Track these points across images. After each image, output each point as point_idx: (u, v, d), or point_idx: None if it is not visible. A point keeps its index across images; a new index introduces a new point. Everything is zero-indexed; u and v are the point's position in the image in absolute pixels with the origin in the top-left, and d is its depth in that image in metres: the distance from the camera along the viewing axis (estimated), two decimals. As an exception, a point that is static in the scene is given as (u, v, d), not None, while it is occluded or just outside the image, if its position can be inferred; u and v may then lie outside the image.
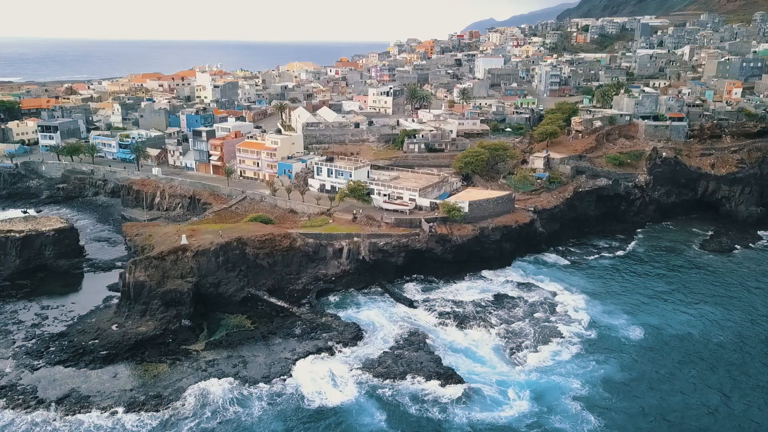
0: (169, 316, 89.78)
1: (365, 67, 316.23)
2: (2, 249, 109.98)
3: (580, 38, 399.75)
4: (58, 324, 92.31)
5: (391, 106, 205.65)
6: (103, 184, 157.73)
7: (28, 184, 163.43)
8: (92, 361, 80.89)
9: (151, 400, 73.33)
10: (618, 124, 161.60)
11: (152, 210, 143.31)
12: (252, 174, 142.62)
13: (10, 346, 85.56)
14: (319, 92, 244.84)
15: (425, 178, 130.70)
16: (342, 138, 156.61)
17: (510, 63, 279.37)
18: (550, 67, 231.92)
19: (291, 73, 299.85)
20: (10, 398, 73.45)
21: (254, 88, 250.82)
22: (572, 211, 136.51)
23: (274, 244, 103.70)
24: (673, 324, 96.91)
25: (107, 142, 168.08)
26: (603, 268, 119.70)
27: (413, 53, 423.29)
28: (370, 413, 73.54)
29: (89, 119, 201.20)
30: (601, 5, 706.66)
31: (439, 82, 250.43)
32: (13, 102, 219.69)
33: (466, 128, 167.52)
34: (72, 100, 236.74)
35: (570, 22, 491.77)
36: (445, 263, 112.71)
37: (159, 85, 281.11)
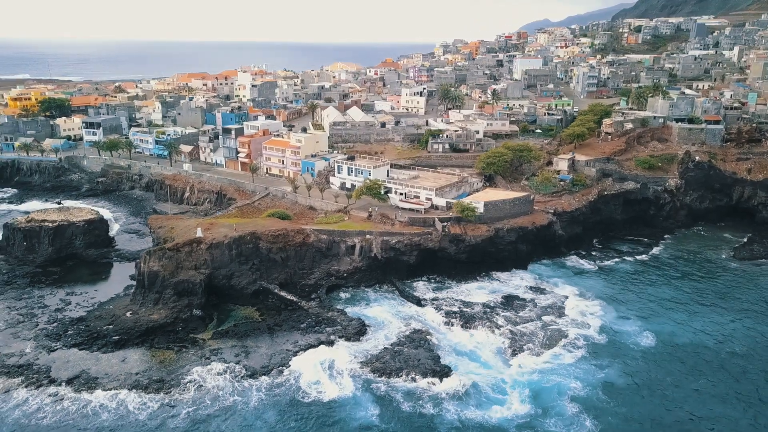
0: (181, 306, 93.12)
1: (404, 68, 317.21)
2: (36, 237, 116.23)
3: (630, 39, 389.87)
4: (79, 309, 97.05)
5: (424, 106, 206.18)
6: (139, 179, 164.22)
7: (70, 177, 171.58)
8: (104, 345, 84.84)
9: (153, 384, 76.47)
10: (651, 127, 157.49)
11: (182, 204, 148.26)
12: (277, 171, 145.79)
13: (33, 329, 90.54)
14: (355, 92, 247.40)
15: (445, 177, 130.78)
16: (367, 137, 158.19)
17: (549, 64, 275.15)
18: (587, 68, 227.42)
19: (330, 73, 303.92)
20: (26, 376, 77.86)
21: (292, 87, 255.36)
22: (596, 215, 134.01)
23: (287, 239, 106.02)
24: (687, 332, 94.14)
25: (144, 139, 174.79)
26: (623, 273, 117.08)
27: (458, 54, 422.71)
28: (364, 407, 74.46)
29: (132, 116, 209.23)
30: (659, 5, 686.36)
31: (476, 82, 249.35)
32: (64, 99, 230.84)
33: (495, 129, 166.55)
34: (119, 98, 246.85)
35: (623, 22, 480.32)
36: (458, 263, 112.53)
37: (203, 85, 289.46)
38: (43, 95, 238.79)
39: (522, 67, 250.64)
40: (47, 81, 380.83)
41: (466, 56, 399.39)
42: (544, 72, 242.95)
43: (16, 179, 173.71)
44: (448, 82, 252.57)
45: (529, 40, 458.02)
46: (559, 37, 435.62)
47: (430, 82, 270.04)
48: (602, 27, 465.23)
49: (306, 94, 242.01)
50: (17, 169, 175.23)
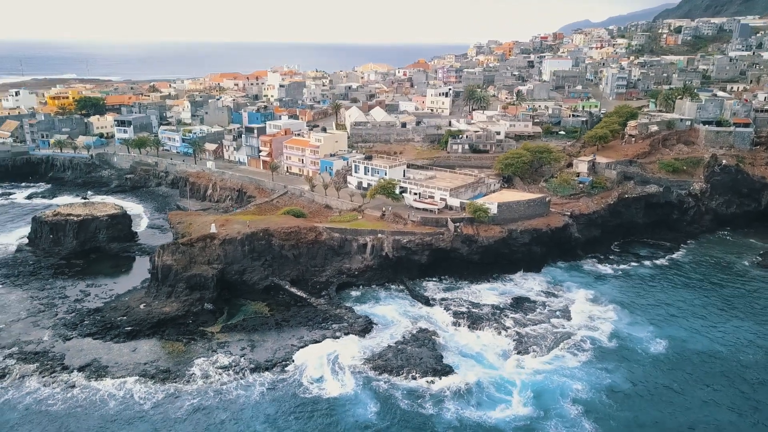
0: (193, 299, 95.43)
1: (433, 69, 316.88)
2: (62, 231, 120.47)
3: (670, 40, 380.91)
4: (97, 300, 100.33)
5: (449, 106, 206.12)
6: (165, 176, 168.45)
7: (101, 173, 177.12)
8: (117, 336, 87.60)
9: (160, 374, 78.66)
10: (677, 129, 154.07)
11: (204, 201, 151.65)
12: (297, 170, 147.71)
13: (52, 318, 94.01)
14: (382, 92, 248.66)
15: (461, 178, 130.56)
16: (387, 137, 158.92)
17: (580, 65, 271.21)
18: (617, 69, 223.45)
19: (358, 74, 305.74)
20: (42, 363, 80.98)
21: (320, 88, 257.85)
22: (617, 218, 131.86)
23: (299, 237, 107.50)
24: (700, 340, 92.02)
25: (172, 137, 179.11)
26: (640, 278, 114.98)
27: (491, 55, 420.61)
28: (363, 404, 75.01)
29: (163, 115, 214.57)
30: (703, 5, 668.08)
31: (504, 83, 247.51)
32: (99, 98, 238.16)
33: (517, 130, 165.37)
34: (152, 97, 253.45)
35: (662, 23, 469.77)
36: (471, 264, 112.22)
37: (235, 85, 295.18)
38: (80, 94, 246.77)
39: (550, 68, 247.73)
40: (89, 80, 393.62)
41: (499, 57, 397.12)
42: (573, 73, 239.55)
43: (50, 175, 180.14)
44: (476, 83, 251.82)
45: (565, 41, 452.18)
46: (596, 38, 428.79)
47: (458, 83, 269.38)
48: (641, 28, 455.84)
49: (333, 94, 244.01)
50: (51, 165, 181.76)
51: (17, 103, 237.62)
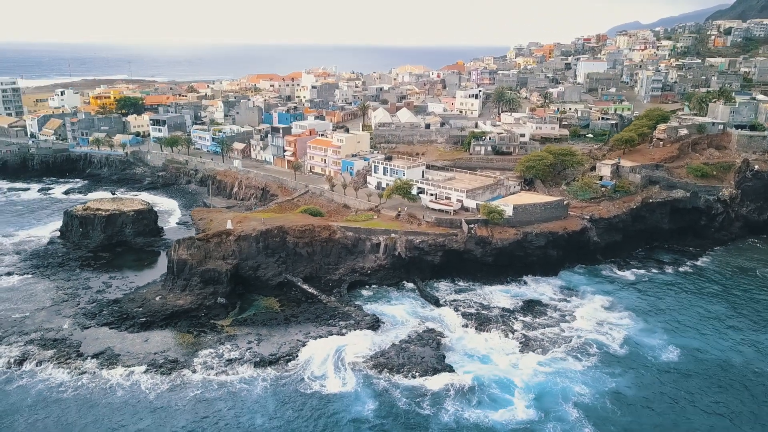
0: (206, 293, 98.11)
1: (467, 71, 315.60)
2: (90, 225, 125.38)
3: (718, 41, 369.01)
4: (117, 292, 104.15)
5: (478, 108, 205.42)
6: (194, 174, 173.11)
7: (134, 170, 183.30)
8: (132, 326, 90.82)
9: (167, 364, 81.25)
10: (708, 134, 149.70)
11: (230, 199, 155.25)
12: (320, 170, 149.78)
13: (74, 307, 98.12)
14: (413, 94, 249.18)
15: (481, 180, 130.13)
16: (410, 138, 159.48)
17: (617, 67, 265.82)
18: (652, 71, 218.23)
19: (391, 75, 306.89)
20: (59, 350, 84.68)
21: (352, 89, 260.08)
22: (640, 223, 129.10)
23: (313, 235, 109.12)
24: (715, 349, 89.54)
25: (203, 136, 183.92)
26: (660, 284, 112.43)
27: (530, 57, 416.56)
28: (362, 401, 75.66)
29: (197, 115, 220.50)
30: (758, 6, 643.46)
31: (536, 86, 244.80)
32: (138, 98, 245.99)
33: (543, 132, 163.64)
34: (189, 97, 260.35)
35: (711, 24, 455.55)
36: (485, 266, 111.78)
37: (270, 86, 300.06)
38: (121, 94, 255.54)
39: (585, 70, 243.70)
40: (135, 81, 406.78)
41: (539, 59, 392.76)
42: (607, 75, 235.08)
43: (88, 171, 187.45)
44: (509, 85, 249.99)
45: (608, 43, 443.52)
46: (641, 40, 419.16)
47: (491, 85, 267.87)
48: (689, 29, 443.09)
49: (364, 95, 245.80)
50: (89, 162, 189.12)
51: (62, 103, 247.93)
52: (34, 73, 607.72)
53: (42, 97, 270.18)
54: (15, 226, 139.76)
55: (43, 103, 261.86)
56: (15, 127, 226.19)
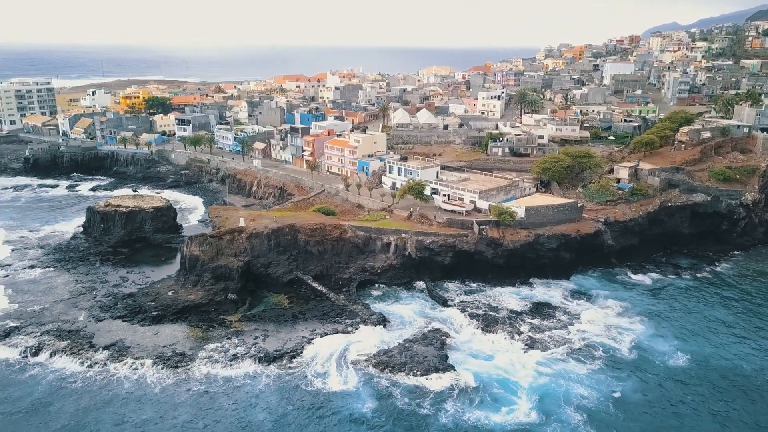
0: (217, 289, 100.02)
1: (492, 72, 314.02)
2: (112, 221, 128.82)
3: (756, 43, 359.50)
4: (132, 286, 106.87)
5: (500, 110, 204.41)
6: (216, 172, 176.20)
7: (159, 169, 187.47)
8: (143, 319, 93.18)
9: (175, 357, 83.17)
10: (732, 137, 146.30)
11: (249, 197, 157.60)
12: (337, 170, 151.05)
13: (90, 300, 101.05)
14: (436, 95, 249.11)
15: (495, 181, 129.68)
16: (428, 139, 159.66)
17: (645, 69, 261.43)
18: (679, 73, 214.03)
19: (416, 76, 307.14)
20: (72, 340, 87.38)
21: (376, 90, 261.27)
22: (659, 227, 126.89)
23: (324, 233, 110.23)
24: (725, 356, 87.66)
25: (225, 135, 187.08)
26: (676, 289, 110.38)
27: (560, 58, 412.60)
28: (362, 400, 75.85)
29: (222, 115, 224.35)
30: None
31: (561, 87, 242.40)
32: (166, 98, 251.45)
33: (564, 134, 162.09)
34: (215, 97, 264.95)
35: (750, 25, 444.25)
36: (495, 267, 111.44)
37: (296, 86, 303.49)
38: (150, 94, 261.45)
39: (611, 72, 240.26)
40: (167, 81, 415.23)
41: (568, 61, 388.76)
42: (633, 77, 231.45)
43: (114, 169, 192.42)
44: (534, 87, 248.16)
45: (641, 44, 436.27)
46: (675, 41, 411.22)
47: (516, 86, 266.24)
48: (726, 30, 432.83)
49: (387, 96, 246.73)
50: (115, 160, 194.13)
51: (93, 102, 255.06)
52: (74, 73, 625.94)
53: (75, 97, 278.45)
54: (41, 221, 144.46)
55: (75, 102, 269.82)
56: (48, 125, 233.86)
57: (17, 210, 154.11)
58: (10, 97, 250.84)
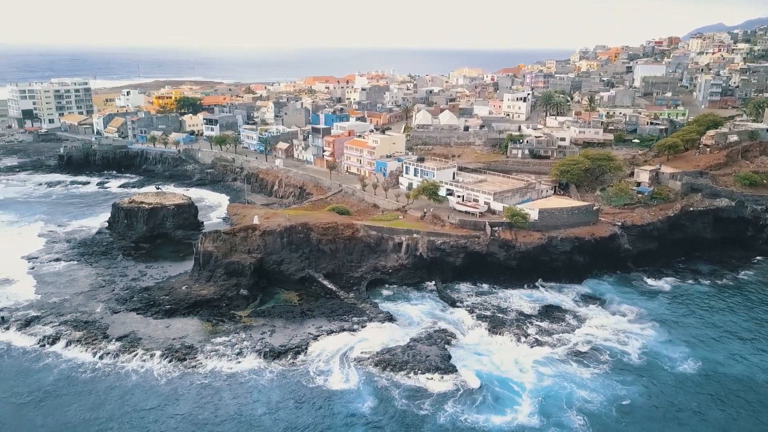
0: (229, 285, 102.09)
1: (521, 73, 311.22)
2: (135, 217, 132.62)
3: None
4: (150, 280, 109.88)
5: (525, 112, 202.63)
6: (240, 171, 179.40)
7: (185, 167, 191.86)
8: (157, 312, 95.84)
9: (183, 349, 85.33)
10: (761, 140, 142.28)
11: (270, 196, 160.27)
12: (355, 170, 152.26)
13: (109, 293, 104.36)
14: (463, 96, 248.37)
15: (511, 183, 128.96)
16: (448, 140, 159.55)
17: (677, 71, 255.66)
18: (711, 75, 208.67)
19: (443, 78, 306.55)
20: (88, 331, 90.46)
21: (403, 91, 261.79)
22: (679, 231, 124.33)
23: (337, 232, 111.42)
24: (737, 364, 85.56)
25: (250, 135, 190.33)
26: (693, 296, 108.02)
27: (595, 60, 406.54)
28: (361, 398, 76.28)
29: (250, 115, 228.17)
30: None
31: (590, 89, 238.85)
32: (196, 99, 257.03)
33: (587, 137, 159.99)
34: (245, 98, 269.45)
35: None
36: (508, 269, 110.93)
37: (325, 88, 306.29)
38: (182, 95, 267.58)
39: (641, 74, 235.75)
40: (201, 82, 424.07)
41: (603, 62, 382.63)
42: (664, 79, 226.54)
43: (143, 167, 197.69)
44: (563, 89, 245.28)
45: (680, 46, 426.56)
46: (716, 43, 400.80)
47: (545, 88, 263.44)
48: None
49: (413, 98, 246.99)
50: (145, 158, 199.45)
51: (127, 102, 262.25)
52: (115, 75, 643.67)
53: (111, 97, 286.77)
54: (70, 216, 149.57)
55: (111, 102, 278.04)
56: (84, 124, 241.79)
57: (49, 205, 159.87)
58: (49, 96, 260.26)
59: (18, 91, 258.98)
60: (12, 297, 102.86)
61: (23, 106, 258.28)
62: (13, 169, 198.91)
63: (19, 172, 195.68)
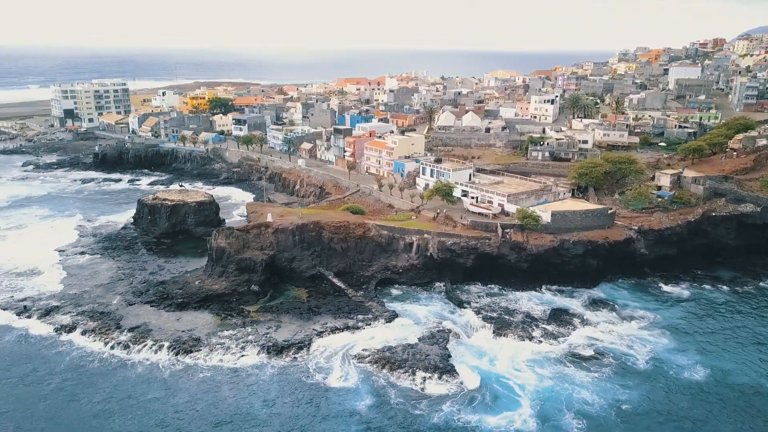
0: (241, 280, 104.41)
1: (553, 76, 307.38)
2: (158, 213, 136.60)
3: None
4: (166, 275, 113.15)
5: (552, 114, 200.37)
6: (265, 171, 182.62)
7: (213, 166, 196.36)
8: (169, 305, 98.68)
9: (190, 341, 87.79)
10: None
11: (292, 195, 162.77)
12: (374, 170, 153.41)
13: (127, 286, 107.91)
14: (491, 98, 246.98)
15: (528, 185, 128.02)
16: (468, 142, 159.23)
17: (713, 74, 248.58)
18: (747, 78, 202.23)
19: (473, 80, 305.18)
20: (103, 321, 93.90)
21: (431, 93, 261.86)
22: (701, 237, 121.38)
23: (348, 231, 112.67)
24: (748, 373, 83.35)
25: (276, 136, 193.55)
26: (711, 303, 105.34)
27: (634, 62, 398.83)
28: (359, 396, 76.69)
29: (279, 116, 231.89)
30: None
31: (622, 92, 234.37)
32: (228, 99, 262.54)
33: (611, 140, 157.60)
34: (275, 99, 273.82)
35: None
36: (519, 272, 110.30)
37: (356, 89, 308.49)
38: (215, 95, 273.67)
39: (675, 76, 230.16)
40: (236, 83, 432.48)
41: (642, 64, 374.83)
42: (698, 82, 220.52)
43: (173, 165, 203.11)
44: (594, 91, 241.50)
45: (726, 47, 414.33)
46: (764, 44, 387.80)
47: (577, 90, 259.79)
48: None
49: (441, 99, 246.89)
50: (175, 157, 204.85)
51: (162, 103, 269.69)
52: (158, 76, 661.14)
53: (148, 98, 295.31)
54: (99, 211, 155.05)
55: (147, 103, 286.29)
56: (120, 124, 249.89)
57: (80, 201, 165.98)
58: (89, 97, 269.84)
59: (60, 91, 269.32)
60: (37, 287, 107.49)
61: (65, 105, 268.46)
62: (51, 166, 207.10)
63: (57, 169, 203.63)
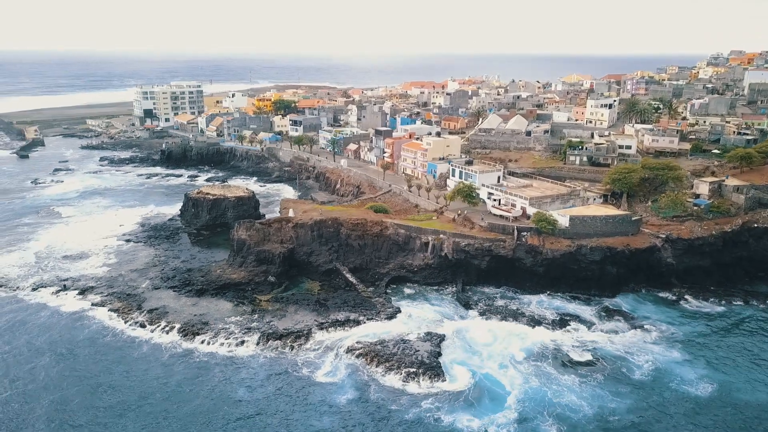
0: (258, 271, 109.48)
1: (623, 80, 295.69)
2: (200, 206, 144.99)
3: None
4: (196, 263, 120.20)
5: (608, 119, 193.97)
6: (312, 170, 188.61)
7: (267, 164, 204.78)
8: (189, 291, 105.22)
9: (198, 325, 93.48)
10: None
11: (333, 194, 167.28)
12: (410, 171, 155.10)
13: (158, 272, 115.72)
14: (551, 102, 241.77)
15: (556, 189, 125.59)
16: (507, 145, 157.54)
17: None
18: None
19: (536, 84, 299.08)
20: (128, 302, 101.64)
21: (491, 96, 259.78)
22: (740, 249, 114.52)
23: (365, 229, 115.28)
24: (757, 390, 78.90)
25: (325, 137, 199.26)
26: (737, 318, 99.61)
27: (725, 66, 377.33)
28: (343, 389, 79.15)
29: (337, 118, 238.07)
30: None
31: (687, 97, 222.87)
32: (291, 101, 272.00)
33: (659, 145, 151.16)
34: (338, 101, 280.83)
35: None
36: (534, 276, 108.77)
37: (420, 92, 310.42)
38: (280, 98, 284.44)
39: (750, 81, 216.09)
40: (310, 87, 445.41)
41: (731, 69, 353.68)
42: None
43: (231, 163, 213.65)
44: (662, 96, 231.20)
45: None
46: None
47: (647, 95, 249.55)
48: None
49: (499, 103, 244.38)
50: (233, 155, 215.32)
51: (231, 104, 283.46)
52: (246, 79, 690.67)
53: (220, 99, 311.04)
54: (154, 203, 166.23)
55: (220, 104, 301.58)
56: (191, 123, 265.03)
57: (141, 194, 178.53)
58: (166, 98, 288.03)
59: (141, 92, 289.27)
60: (80, 270, 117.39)
61: (145, 106, 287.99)
62: (124, 162, 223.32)
63: (128, 164, 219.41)
